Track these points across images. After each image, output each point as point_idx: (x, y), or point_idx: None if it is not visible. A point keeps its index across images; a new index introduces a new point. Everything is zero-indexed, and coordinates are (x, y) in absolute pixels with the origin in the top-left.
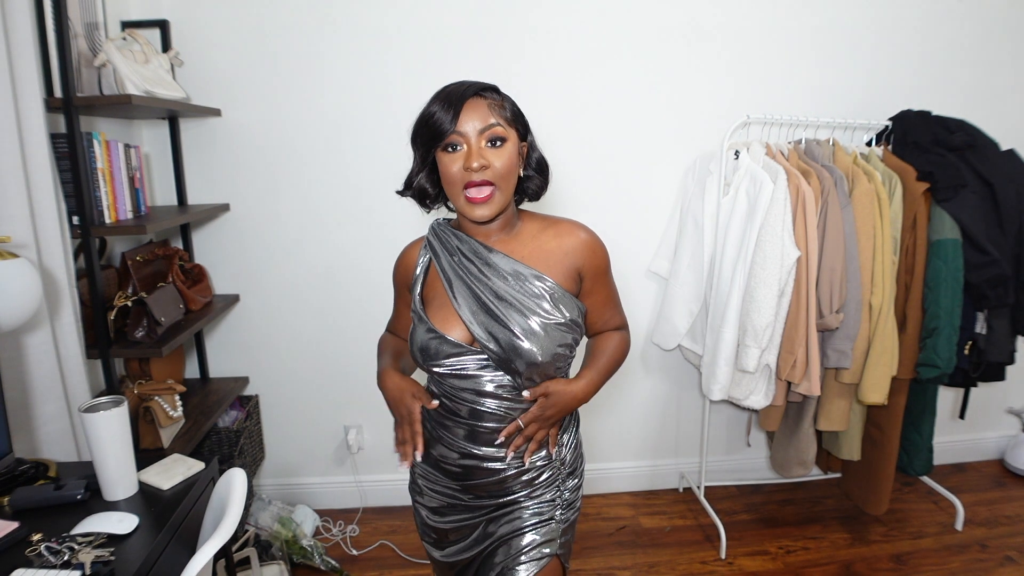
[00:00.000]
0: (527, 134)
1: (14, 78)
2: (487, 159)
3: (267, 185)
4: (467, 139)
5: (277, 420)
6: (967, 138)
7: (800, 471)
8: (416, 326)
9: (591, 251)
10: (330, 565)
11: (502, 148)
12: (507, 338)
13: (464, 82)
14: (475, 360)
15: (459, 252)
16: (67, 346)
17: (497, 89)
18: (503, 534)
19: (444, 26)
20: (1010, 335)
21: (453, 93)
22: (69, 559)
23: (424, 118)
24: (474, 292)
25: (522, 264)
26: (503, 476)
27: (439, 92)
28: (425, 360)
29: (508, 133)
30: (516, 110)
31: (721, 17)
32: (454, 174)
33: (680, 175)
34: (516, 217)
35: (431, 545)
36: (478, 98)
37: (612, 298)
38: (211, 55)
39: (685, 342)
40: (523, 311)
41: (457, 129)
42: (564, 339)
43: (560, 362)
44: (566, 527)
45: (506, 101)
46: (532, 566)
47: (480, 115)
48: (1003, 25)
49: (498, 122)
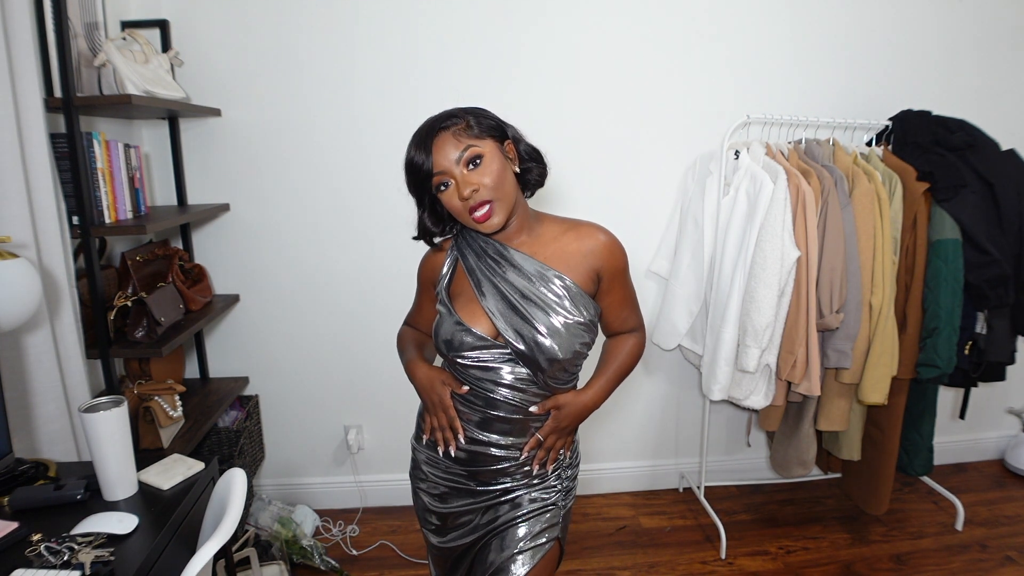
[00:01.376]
0: (506, 132)
1: (14, 78)
2: (475, 182)
3: (267, 185)
4: (450, 174)
5: (277, 420)
6: (967, 138)
7: (800, 471)
8: (443, 318)
9: (610, 253)
10: (330, 565)
11: (484, 164)
12: (531, 335)
13: (427, 122)
14: (497, 353)
15: (485, 254)
16: (67, 346)
17: (456, 115)
18: (505, 521)
19: (444, 26)
20: (1010, 335)
21: (422, 132)
22: (69, 559)
23: (407, 165)
24: (500, 291)
25: (544, 265)
26: (507, 464)
27: (412, 138)
28: (449, 351)
29: (483, 146)
30: (484, 118)
31: (721, 17)
32: (456, 207)
33: (680, 175)
34: (535, 219)
35: (431, 532)
36: (443, 132)
37: (629, 298)
38: (211, 55)
39: (685, 342)
40: (546, 310)
41: (436, 170)
42: (583, 338)
43: (578, 359)
44: (565, 512)
45: (470, 117)
46: (537, 551)
47: (451, 145)
48: (1003, 25)
49: (469, 144)
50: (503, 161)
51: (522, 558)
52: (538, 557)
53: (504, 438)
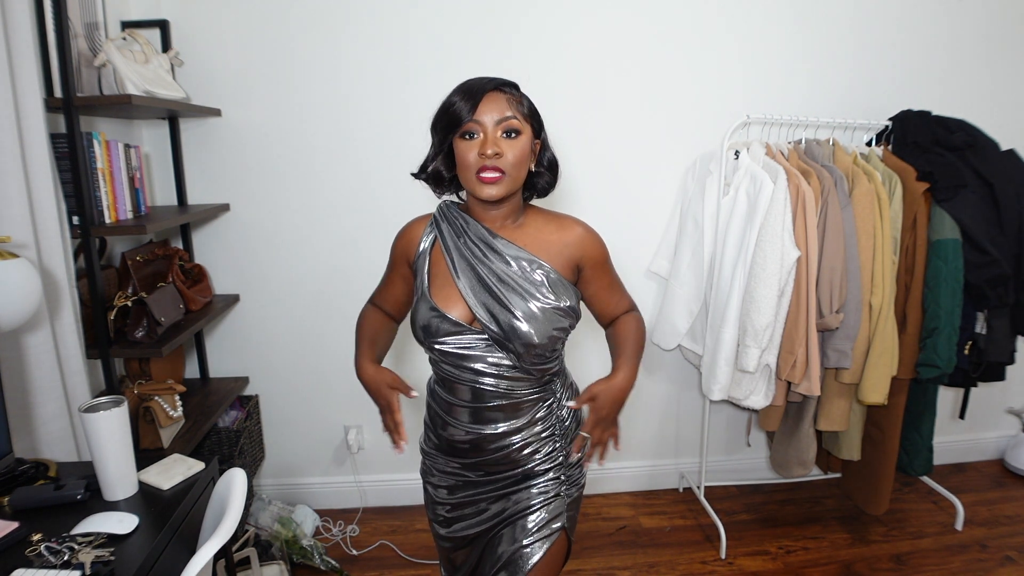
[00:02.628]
0: (541, 132)
1: (14, 78)
2: (501, 148)
3: (267, 185)
4: (484, 128)
5: (277, 420)
6: (967, 138)
7: (800, 471)
8: (418, 304)
9: (588, 243)
10: (330, 565)
11: (516, 140)
12: (507, 319)
13: (485, 76)
14: (473, 339)
15: (465, 234)
16: (67, 346)
17: (517, 86)
18: (511, 512)
19: (445, 27)
20: (1010, 335)
21: (474, 85)
22: (69, 559)
23: (445, 107)
24: (477, 273)
25: (525, 251)
26: (508, 451)
27: (461, 84)
28: (426, 337)
29: (523, 127)
30: (533, 108)
31: (721, 17)
32: (469, 160)
33: (680, 175)
34: (522, 210)
35: (438, 524)
36: (497, 92)
37: (614, 284)
38: (211, 55)
39: (685, 342)
40: (523, 295)
41: (475, 118)
42: (560, 323)
43: (556, 344)
44: (571, 502)
45: (524, 98)
46: (545, 542)
47: (498, 107)
48: (1003, 25)
49: (515, 115)
50: (530, 151)
51: (530, 550)
52: (545, 548)
53: (496, 426)
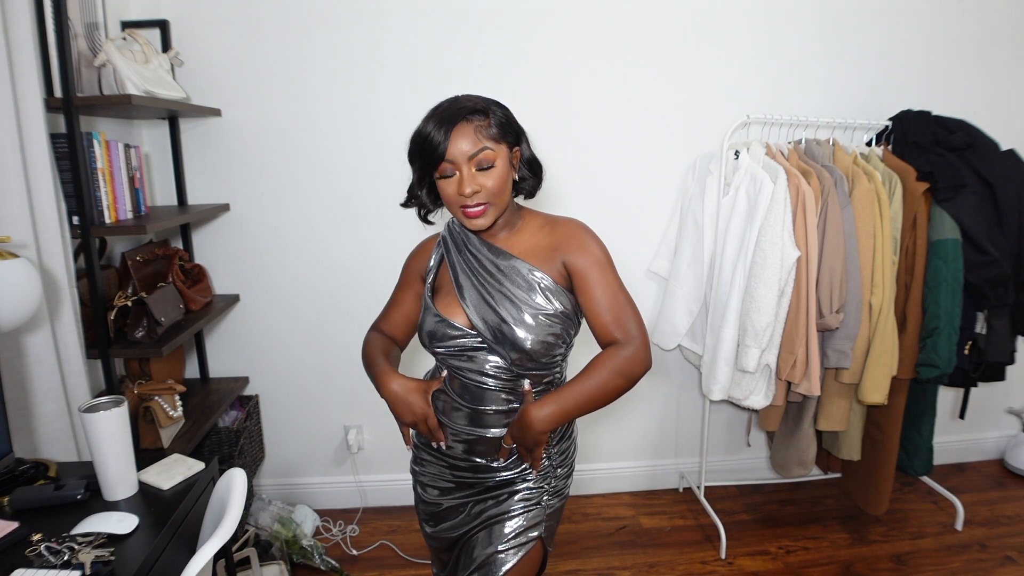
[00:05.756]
0: (519, 140)
1: (14, 78)
2: (478, 183)
3: (267, 185)
4: (458, 166)
5: (277, 420)
6: (967, 138)
7: (800, 471)
8: (425, 314)
9: (575, 243)
10: (330, 565)
11: (492, 170)
12: (497, 324)
13: (454, 104)
14: (474, 342)
15: (466, 248)
16: (67, 346)
17: (484, 110)
18: (491, 515)
19: (443, 27)
20: (1010, 335)
21: (444, 117)
22: (69, 559)
23: (418, 141)
24: (474, 284)
25: (519, 260)
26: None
27: (430, 114)
28: (432, 342)
29: (496, 152)
30: (504, 121)
31: (721, 17)
32: (450, 197)
33: (680, 175)
34: (517, 215)
35: (425, 522)
36: (465, 123)
37: (606, 298)
38: (211, 55)
39: (685, 342)
40: (516, 303)
41: (448, 158)
42: (554, 328)
43: (553, 350)
44: (551, 512)
45: (492, 117)
46: (520, 550)
47: (468, 140)
48: (1004, 25)
49: (486, 146)
50: (509, 169)
51: (504, 555)
52: (520, 556)
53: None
